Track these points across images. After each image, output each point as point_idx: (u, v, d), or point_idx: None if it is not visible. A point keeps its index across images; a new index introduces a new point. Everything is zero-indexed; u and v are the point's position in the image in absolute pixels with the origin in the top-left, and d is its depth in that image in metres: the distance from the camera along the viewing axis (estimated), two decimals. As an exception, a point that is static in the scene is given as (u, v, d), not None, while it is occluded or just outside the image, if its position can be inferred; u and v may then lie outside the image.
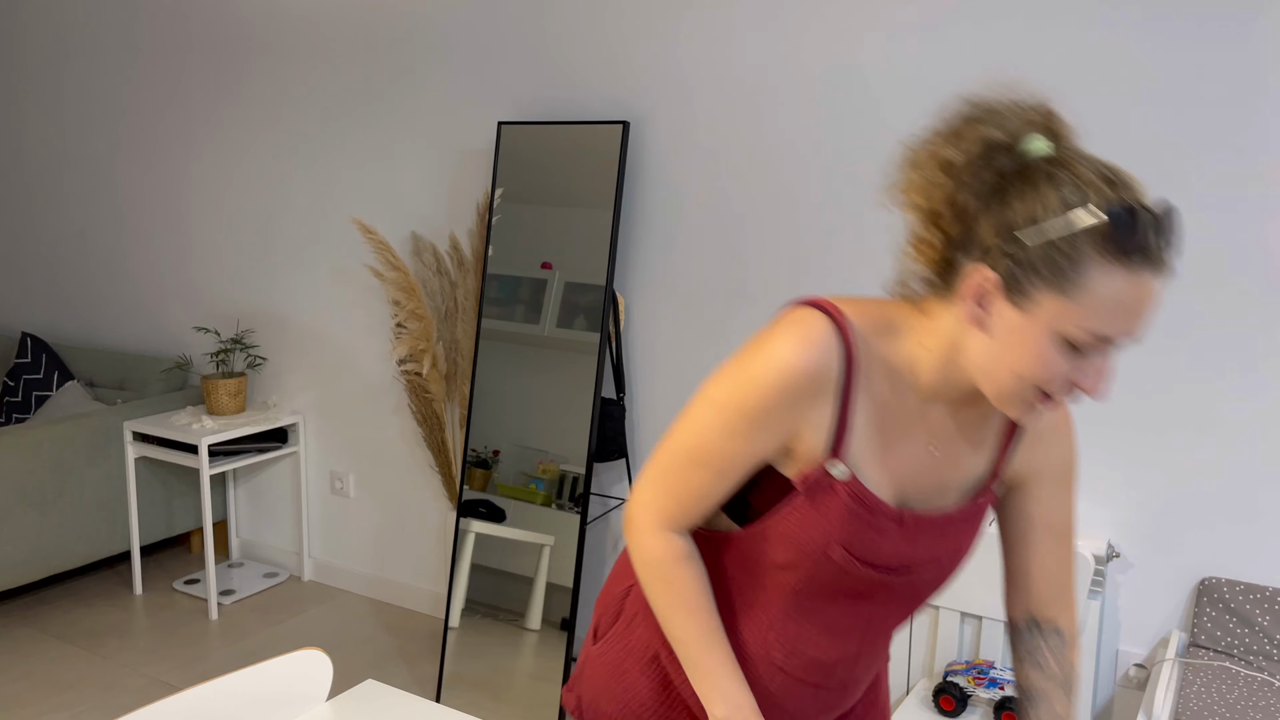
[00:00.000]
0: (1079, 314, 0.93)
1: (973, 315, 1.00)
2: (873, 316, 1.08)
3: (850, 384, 1.05)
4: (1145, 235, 0.91)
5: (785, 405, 1.05)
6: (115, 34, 3.93)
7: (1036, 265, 0.93)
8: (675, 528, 1.14)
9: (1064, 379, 0.98)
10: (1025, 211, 0.94)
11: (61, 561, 3.44)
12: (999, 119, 0.98)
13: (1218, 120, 2.18)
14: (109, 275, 4.17)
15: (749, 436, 1.07)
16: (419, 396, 3.23)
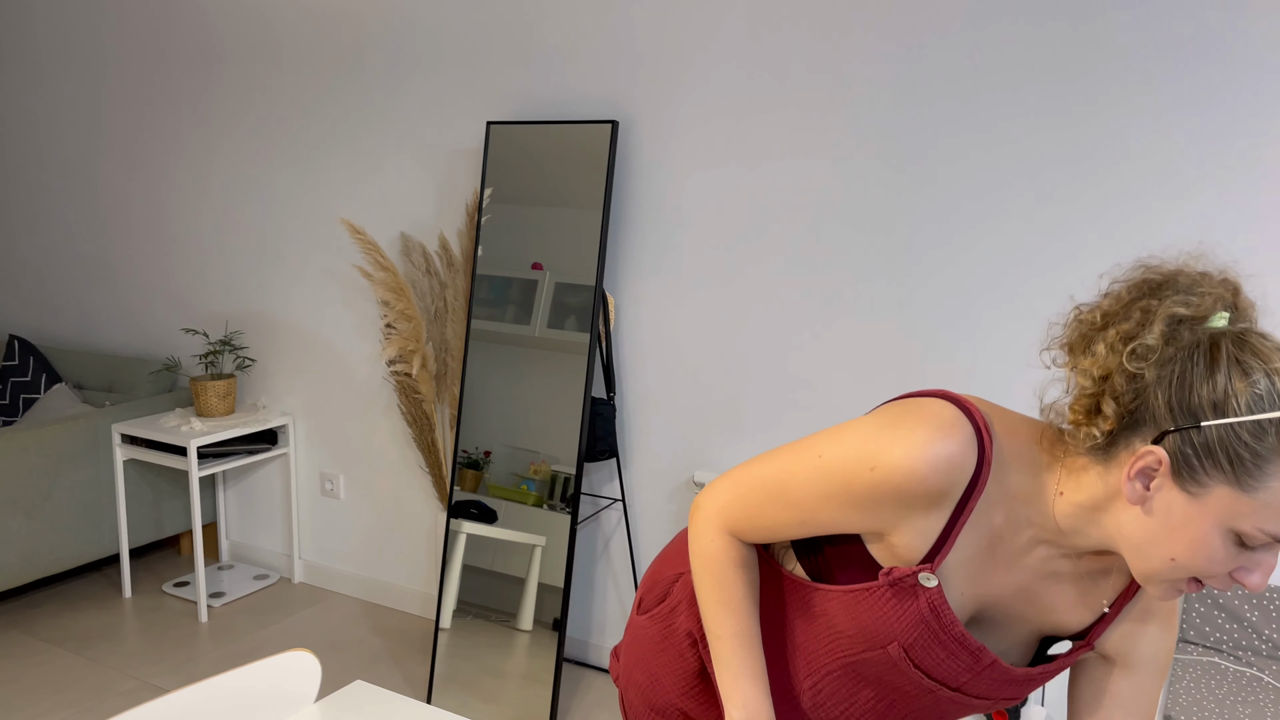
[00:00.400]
0: (1255, 511, 0.88)
1: (1133, 493, 0.94)
2: (1018, 437, 1.04)
3: (970, 503, 1.01)
4: None
5: (895, 506, 1.01)
6: (101, 36, 3.92)
7: (1217, 455, 0.89)
8: (737, 531, 1.14)
9: (1224, 569, 0.93)
10: (1210, 396, 0.89)
11: (50, 565, 3.43)
12: (1184, 292, 0.94)
13: (1204, 118, 2.18)
14: (97, 277, 4.15)
15: (844, 511, 1.04)
16: (409, 397, 3.23)
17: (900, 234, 2.54)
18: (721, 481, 1.14)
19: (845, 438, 1.04)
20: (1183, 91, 2.20)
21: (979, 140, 2.42)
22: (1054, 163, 2.34)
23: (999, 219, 2.42)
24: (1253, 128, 2.14)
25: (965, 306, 2.49)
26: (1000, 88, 2.38)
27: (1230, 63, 2.14)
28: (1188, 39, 2.17)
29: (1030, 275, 2.40)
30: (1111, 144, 2.28)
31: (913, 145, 2.49)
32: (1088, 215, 2.32)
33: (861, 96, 2.53)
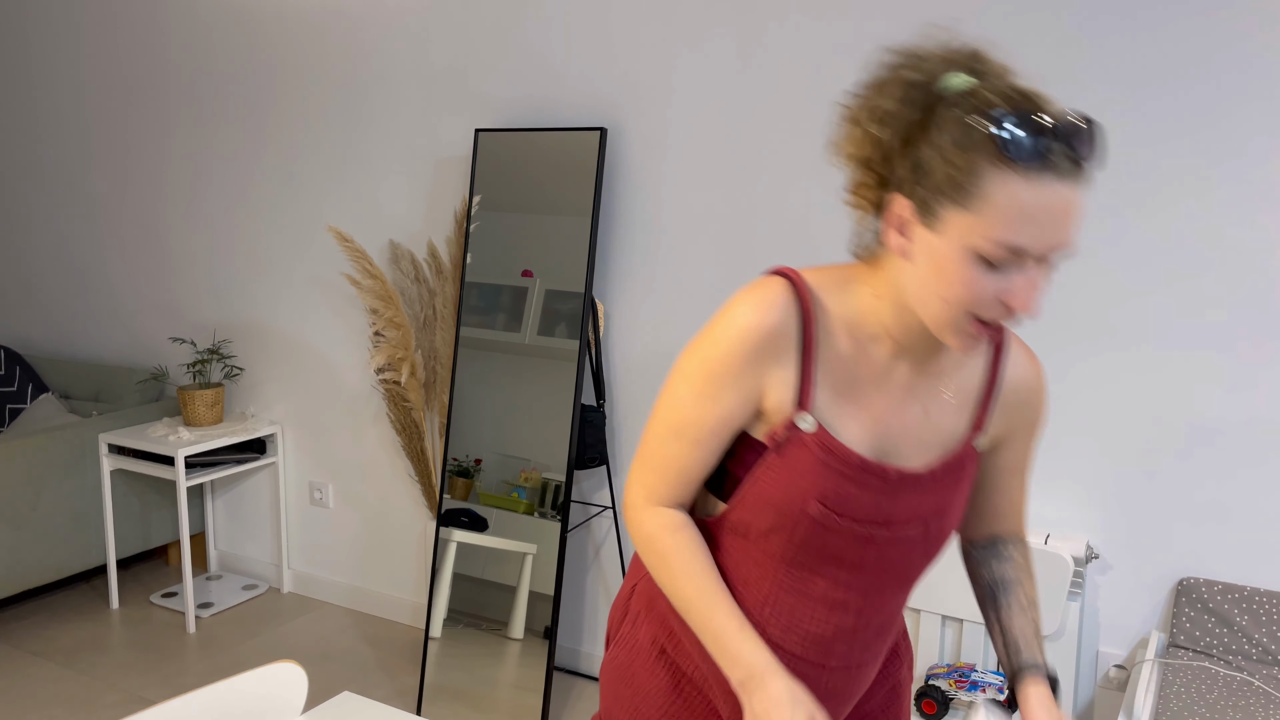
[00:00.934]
0: (983, 226, 0.94)
1: (898, 247, 1.03)
2: (831, 276, 1.12)
3: (809, 340, 1.09)
4: (1039, 141, 0.92)
5: (747, 363, 1.08)
6: (88, 44, 3.90)
7: (940, 184, 0.96)
8: (664, 503, 1.17)
9: (991, 299, 0.98)
10: (931, 138, 0.97)
11: (36, 576, 3.40)
12: (919, 62, 1.00)
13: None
14: (83, 286, 4.14)
15: (717, 399, 1.10)
16: (398, 405, 3.22)
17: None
18: (630, 472, 1.20)
19: (691, 346, 1.13)
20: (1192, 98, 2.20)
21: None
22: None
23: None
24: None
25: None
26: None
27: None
28: (1182, 47, 2.18)
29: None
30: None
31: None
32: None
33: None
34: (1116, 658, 2.42)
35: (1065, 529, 2.43)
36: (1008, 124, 0.92)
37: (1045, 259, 0.97)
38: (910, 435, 1.14)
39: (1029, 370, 1.20)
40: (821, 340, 1.09)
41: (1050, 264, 0.98)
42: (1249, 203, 2.16)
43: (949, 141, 0.95)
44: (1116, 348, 2.33)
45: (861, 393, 1.11)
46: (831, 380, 1.10)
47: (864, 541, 1.13)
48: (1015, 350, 1.20)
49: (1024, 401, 1.21)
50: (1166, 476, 2.32)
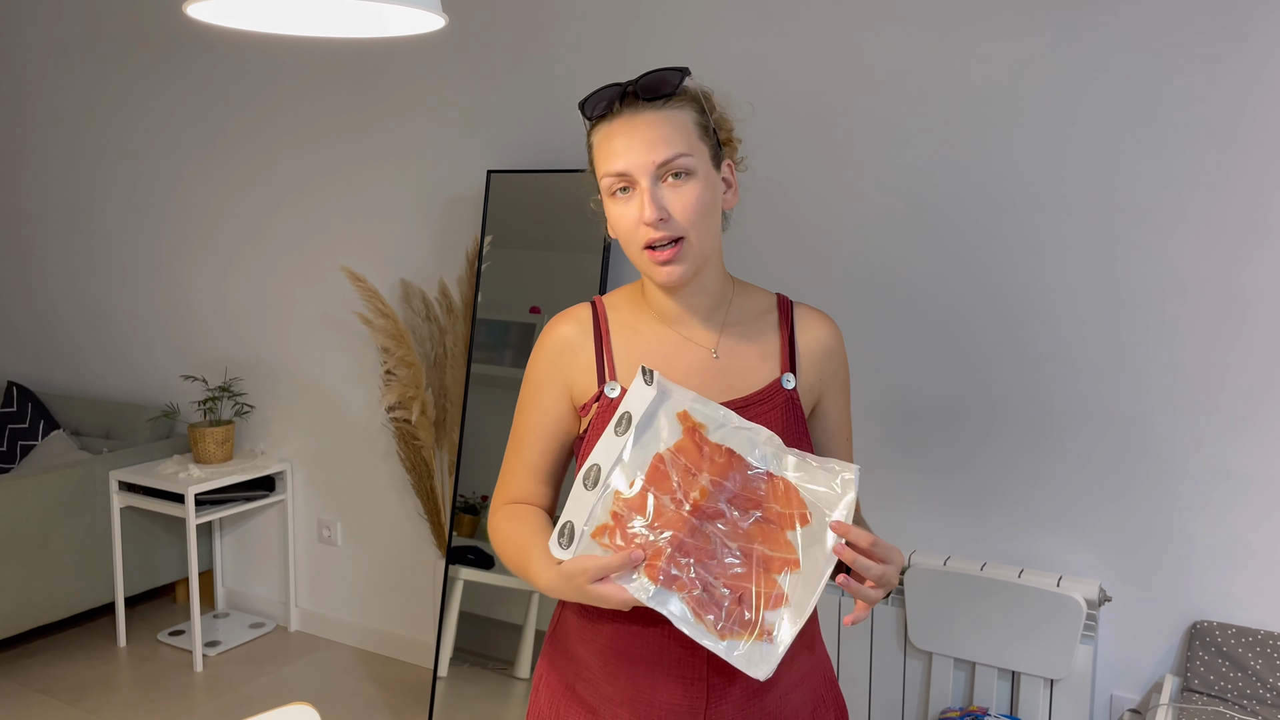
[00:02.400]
0: (597, 170, 1.26)
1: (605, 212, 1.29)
2: (637, 285, 1.36)
3: (602, 330, 1.31)
4: (593, 105, 1.24)
5: (550, 362, 1.31)
6: (102, 82, 3.96)
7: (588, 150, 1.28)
8: (508, 499, 1.35)
9: (634, 223, 1.22)
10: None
11: (45, 614, 3.40)
12: None
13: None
14: (95, 324, 4.16)
15: (536, 399, 1.32)
16: (408, 444, 3.22)
17: (897, 271, 2.56)
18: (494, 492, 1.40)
19: None
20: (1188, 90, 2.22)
21: (979, 170, 2.44)
22: (1053, 189, 2.36)
23: (998, 252, 2.44)
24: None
25: (962, 346, 2.50)
26: (996, 112, 2.41)
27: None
28: (1191, 39, 2.21)
29: (1038, 322, 2.42)
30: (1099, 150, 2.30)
31: (911, 182, 2.52)
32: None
33: (855, 137, 2.56)
34: (1130, 702, 2.40)
35: (1077, 571, 2.42)
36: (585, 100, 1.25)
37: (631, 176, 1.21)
38: (718, 383, 1.28)
39: (822, 327, 1.36)
40: (614, 324, 1.32)
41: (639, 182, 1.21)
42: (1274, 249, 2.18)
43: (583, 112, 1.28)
44: (1127, 390, 2.33)
45: (664, 360, 1.29)
46: (632, 355, 1.29)
47: None
48: (805, 312, 1.37)
49: (826, 352, 1.35)
50: (1179, 518, 2.31)
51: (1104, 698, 2.42)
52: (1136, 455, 2.33)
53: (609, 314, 1.33)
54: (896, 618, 2.49)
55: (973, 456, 2.51)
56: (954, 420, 2.53)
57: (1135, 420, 2.33)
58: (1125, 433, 2.34)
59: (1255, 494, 2.23)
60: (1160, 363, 2.29)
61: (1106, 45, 2.27)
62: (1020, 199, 2.40)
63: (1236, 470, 2.24)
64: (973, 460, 2.51)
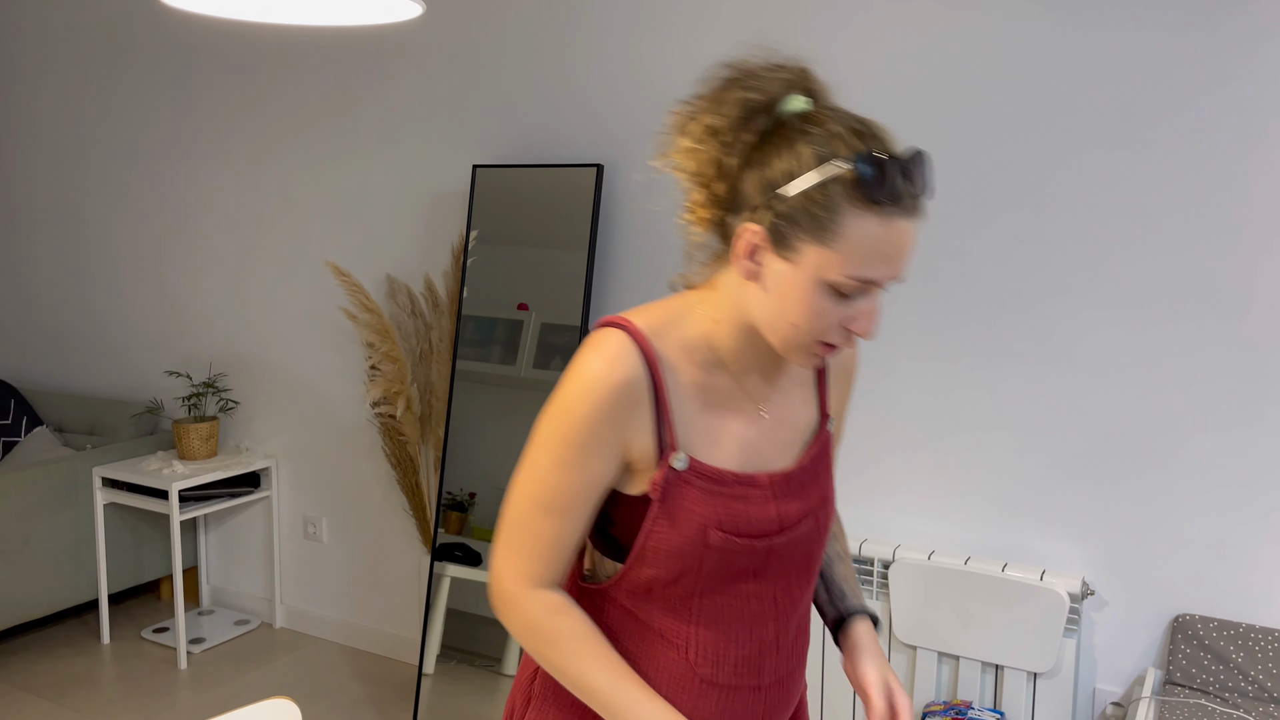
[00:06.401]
0: (839, 261, 0.98)
1: (748, 271, 1.04)
2: (661, 314, 1.12)
3: (658, 381, 1.09)
4: (893, 181, 0.96)
5: (605, 422, 1.07)
6: (87, 78, 3.94)
7: (797, 217, 0.98)
8: (541, 584, 1.12)
9: (837, 325, 1.03)
10: (783, 168, 0.99)
11: (27, 611, 3.38)
12: (757, 81, 1.02)
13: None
14: (79, 319, 4.14)
15: (582, 465, 1.08)
16: (393, 439, 3.21)
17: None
18: (494, 558, 1.14)
19: (542, 417, 1.11)
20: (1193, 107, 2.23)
21: (971, 181, 2.45)
22: (1052, 197, 2.37)
23: (991, 263, 2.44)
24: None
25: (953, 348, 2.50)
26: (992, 122, 2.41)
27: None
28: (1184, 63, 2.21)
29: (1026, 324, 2.42)
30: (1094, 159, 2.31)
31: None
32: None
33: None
34: (1113, 695, 2.41)
35: (1061, 565, 2.43)
36: (864, 166, 0.96)
37: (881, 287, 1.03)
38: (772, 441, 1.16)
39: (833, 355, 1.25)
40: (669, 379, 1.10)
41: (882, 290, 1.04)
42: (1244, 235, 2.18)
43: (806, 177, 0.98)
44: (1110, 385, 2.34)
45: (719, 415, 1.13)
46: (690, 414, 1.11)
47: (765, 552, 1.14)
48: None
49: (844, 369, 1.26)
50: (1162, 512, 2.32)
51: (1087, 691, 2.43)
52: (1119, 450, 2.34)
53: (660, 355, 1.10)
54: (881, 612, 2.49)
55: (956, 451, 2.52)
56: (938, 415, 2.53)
57: (1118, 415, 2.34)
58: (1108, 427, 2.35)
59: (1237, 488, 2.24)
60: (1142, 358, 2.30)
61: (1100, 43, 2.27)
62: (1003, 192, 2.40)
63: (1219, 465, 2.25)
64: (956, 455, 2.52)
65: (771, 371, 1.16)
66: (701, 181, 1.05)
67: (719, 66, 1.06)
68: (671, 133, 1.08)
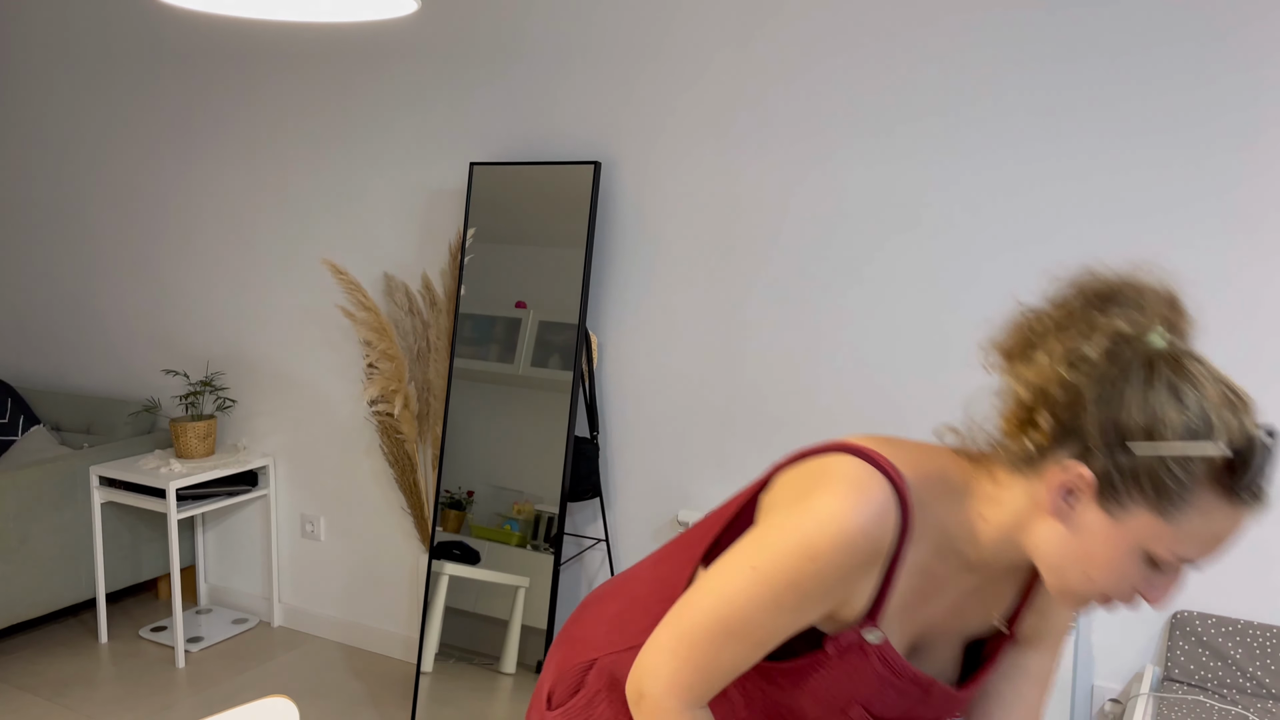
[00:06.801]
0: (1171, 537, 0.89)
1: (1055, 507, 0.94)
2: (930, 474, 1.02)
3: (900, 552, 1.00)
4: (1258, 473, 0.88)
5: (841, 576, 0.97)
6: (83, 76, 3.93)
7: (1141, 480, 0.89)
8: (698, 702, 1.04)
9: (1132, 588, 0.94)
10: (1142, 419, 0.88)
11: (25, 610, 3.37)
12: (1126, 308, 0.94)
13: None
14: (76, 318, 4.13)
15: (800, 610, 0.99)
16: (391, 438, 3.21)
17: (886, 270, 2.56)
18: (654, 656, 1.04)
19: (769, 538, 0.99)
20: (1169, 102, 2.23)
21: (967, 183, 2.44)
22: (1041, 201, 2.37)
23: (990, 262, 2.44)
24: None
25: (953, 351, 2.50)
26: (989, 129, 2.41)
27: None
28: (1174, 46, 2.21)
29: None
30: (1092, 151, 2.31)
31: (899, 183, 2.52)
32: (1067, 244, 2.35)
33: (845, 134, 2.56)
34: (1112, 691, 2.41)
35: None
36: (1239, 453, 0.87)
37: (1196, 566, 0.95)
38: (945, 631, 1.10)
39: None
40: (910, 553, 1.01)
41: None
42: (1224, 225, 2.18)
43: (1170, 445, 0.87)
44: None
45: (923, 600, 1.05)
46: (904, 589, 1.03)
47: None
48: None
49: (1055, 602, 1.15)
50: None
51: (1085, 687, 2.43)
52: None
53: (914, 526, 1.01)
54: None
55: (955, 448, 2.52)
56: (937, 412, 2.53)
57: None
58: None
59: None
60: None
61: (1095, 36, 2.27)
62: (993, 197, 2.40)
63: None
64: (955, 452, 2.52)
65: (997, 581, 1.08)
66: (1041, 399, 0.94)
67: (1080, 275, 0.97)
68: (1014, 332, 0.99)
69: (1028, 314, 1.00)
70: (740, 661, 1.02)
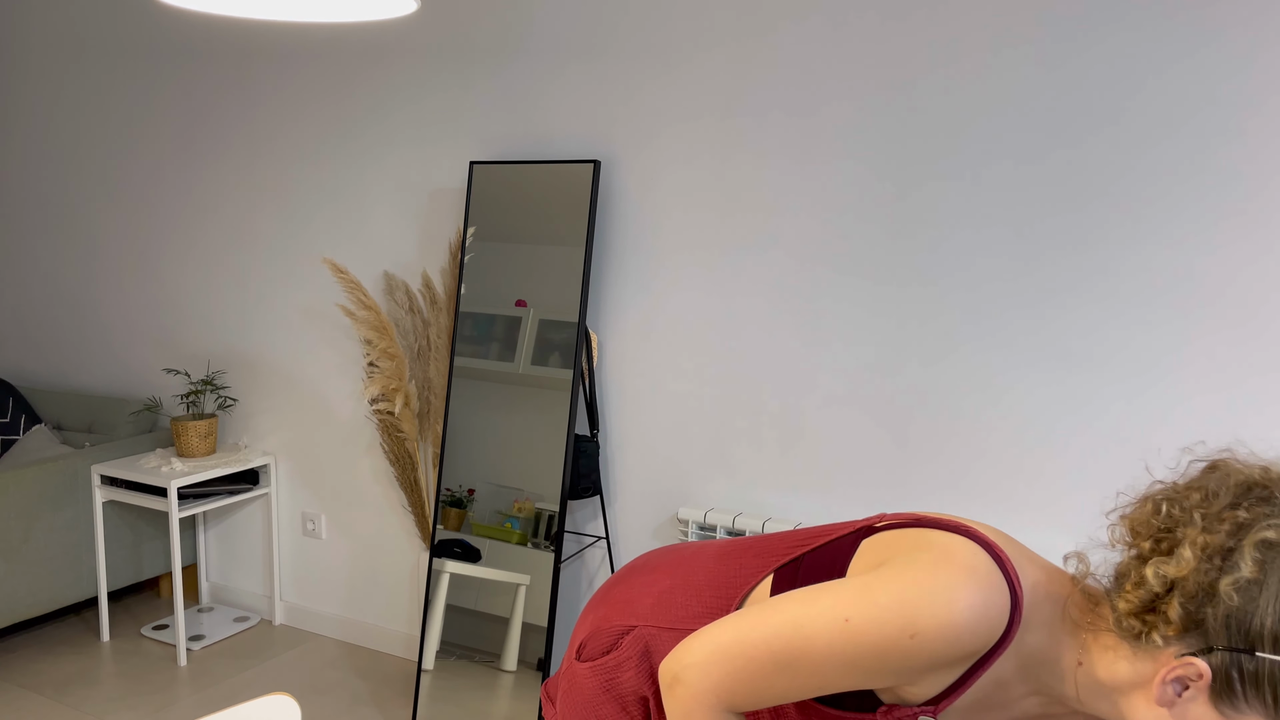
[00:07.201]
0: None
1: (1165, 697, 0.92)
2: (1048, 596, 1.00)
3: (991, 659, 0.98)
4: None
5: (930, 664, 0.96)
6: (83, 75, 3.93)
7: (1263, 686, 0.86)
8: (731, 707, 1.02)
9: None
10: (1273, 627, 0.86)
11: (27, 609, 3.38)
12: (1272, 506, 0.91)
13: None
14: (77, 317, 4.14)
15: (873, 675, 0.97)
16: (391, 436, 3.22)
17: (886, 273, 2.56)
18: (705, 652, 1.02)
19: (874, 598, 0.97)
20: (1205, 129, 2.23)
21: (967, 179, 2.45)
22: (1039, 199, 2.37)
23: (986, 259, 2.45)
24: (1223, 165, 2.17)
25: (952, 344, 2.51)
26: (988, 124, 2.41)
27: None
28: (1197, 89, 2.22)
29: (1025, 320, 2.43)
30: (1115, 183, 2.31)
31: (899, 181, 2.52)
32: (1082, 249, 2.35)
33: (842, 135, 2.57)
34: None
35: (1057, 559, 2.43)
36: None
37: None
38: None
39: None
40: (997, 662, 0.99)
41: None
42: (1233, 230, 2.19)
43: None
44: (1109, 379, 2.34)
45: (987, 710, 1.03)
46: (974, 694, 1.01)
47: None
48: None
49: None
50: (1158, 505, 2.32)
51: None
52: (1115, 443, 2.35)
53: (1013, 640, 0.99)
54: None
55: (952, 446, 2.52)
56: (934, 410, 2.54)
57: (1114, 408, 2.34)
58: (1104, 420, 2.35)
59: (1234, 481, 2.24)
60: (1137, 352, 2.30)
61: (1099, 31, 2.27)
62: (993, 187, 2.40)
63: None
64: (951, 450, 2.52)
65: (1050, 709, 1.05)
66: (1163, 588, 0.92)
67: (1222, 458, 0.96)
68: (1150, 513, 0.97)
69: (1168, 497, 0.97)
70: (790, 694, 1.00)
